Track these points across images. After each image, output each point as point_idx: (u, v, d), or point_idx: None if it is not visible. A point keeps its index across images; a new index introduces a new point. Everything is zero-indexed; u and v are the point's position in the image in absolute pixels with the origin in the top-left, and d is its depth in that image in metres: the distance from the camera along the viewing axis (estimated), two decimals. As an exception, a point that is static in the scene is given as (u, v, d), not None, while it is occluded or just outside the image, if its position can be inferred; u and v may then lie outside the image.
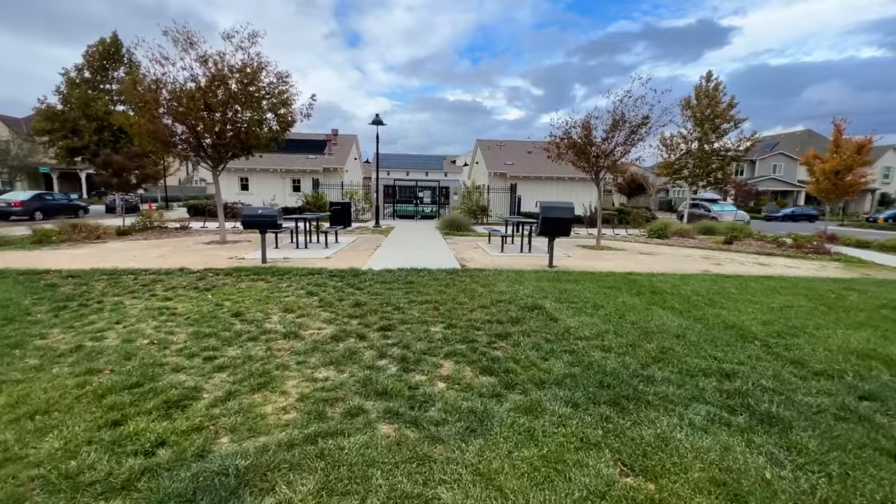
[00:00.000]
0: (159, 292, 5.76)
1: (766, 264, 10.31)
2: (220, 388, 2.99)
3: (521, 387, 3.09)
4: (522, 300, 5.55)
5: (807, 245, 13.52)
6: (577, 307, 5.29)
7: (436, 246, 11.79)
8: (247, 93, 10.79)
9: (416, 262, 8.35)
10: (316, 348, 3.78)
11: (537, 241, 11.92)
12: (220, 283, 6.44)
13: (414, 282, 6.63)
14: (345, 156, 27.51)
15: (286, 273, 7.16)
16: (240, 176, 25.60)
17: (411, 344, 3.94)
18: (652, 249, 12.72)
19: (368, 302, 5.36)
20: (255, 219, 7.93)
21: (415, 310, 5.10)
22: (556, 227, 8.25)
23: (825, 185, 17.49)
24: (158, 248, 10.74)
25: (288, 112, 11.68)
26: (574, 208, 8.40)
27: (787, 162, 50.03)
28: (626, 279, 7.30)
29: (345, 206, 17.86)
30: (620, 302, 5.61)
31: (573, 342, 4.07)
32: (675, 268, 9.03)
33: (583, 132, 12.49)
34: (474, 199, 21.53)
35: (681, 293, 6.28)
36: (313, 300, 5.47)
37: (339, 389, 3.00)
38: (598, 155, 12.53)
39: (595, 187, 27.89)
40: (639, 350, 3.88)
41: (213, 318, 4.58)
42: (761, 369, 3.54)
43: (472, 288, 6.27)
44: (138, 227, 14.95)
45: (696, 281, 7.39)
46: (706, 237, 17.05)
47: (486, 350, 3.83)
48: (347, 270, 7.47)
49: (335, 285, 6.33)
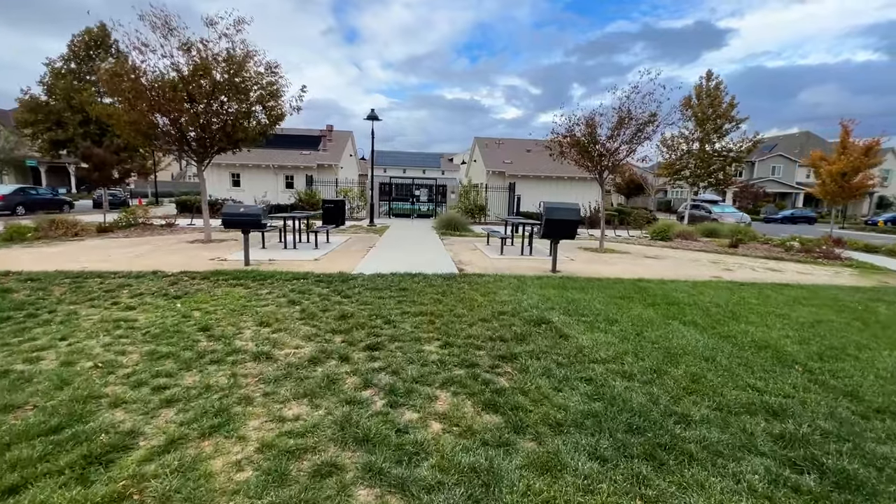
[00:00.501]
0: (123, 300, 5.16)
1: (778, 270, 9.83)
2: (163, 431, 2.42)
3: (533, 430, 2.54)
4: (527, 312, 5.01)
5: (816, 249, 13.07)
6: (589, 321, 4.75)
7: (432, 247, 11.24)
8: (233, 83, 10.17)
9: (410, 266, 7.79)
10: (289, 374, 3.22)
11: (538, 243, 11.39)
12: (194, 289, 5.85)
13: (407, 289, 6.07)
14: (340, 152, 26.87)
15: (268, 278, 6.57)
16: (231, 172, 24.91)
17: (402, 368, 3.38)
18: (657, 252, 12.22)
19: (356, 313, 4.80)
20: (236, 218, 7.34)
21: (407, 323, 4.54)
22: (561, 229, 7.71)
23: (831, 187, 17.07)
24: (138, 246, 10.11)
25: (277, 105, 11.07)
26: (580, 209, 7.87)
27: (786, 164, 49.81)
28: (637, 287, 6.77)
29: (338, 203, 17.26)
30: (635, 315, 5.07)
31: (589, 366, 3.53)
32: (685, 274, 8.52)
33: (587, 129, 11.95)
34: (472, 198, 20.97)
35: (699, 304, 5.75)
36: (294, 311, 4.90)
37: (311, 434, 2.43)
38: (603, 153, 12.00)
39: (596, 187, 27.39)
40: (666, 378, 3.34)
41: (176, 334, 4.00)
42: (812, 404, 3.01)
43: (472, 297, 5.71)
44: (122, 224, 14.29)
45: (711, 290, 6.87)
46: (710, 240, 16.59)
47: (489, 377, 3.28)
48: (336, 275, 6.90)
49: (321, 293, 5.76)
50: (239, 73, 10.22)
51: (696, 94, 25.94)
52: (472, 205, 20.82)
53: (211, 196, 24.68)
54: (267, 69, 10.71)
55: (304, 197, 21.71)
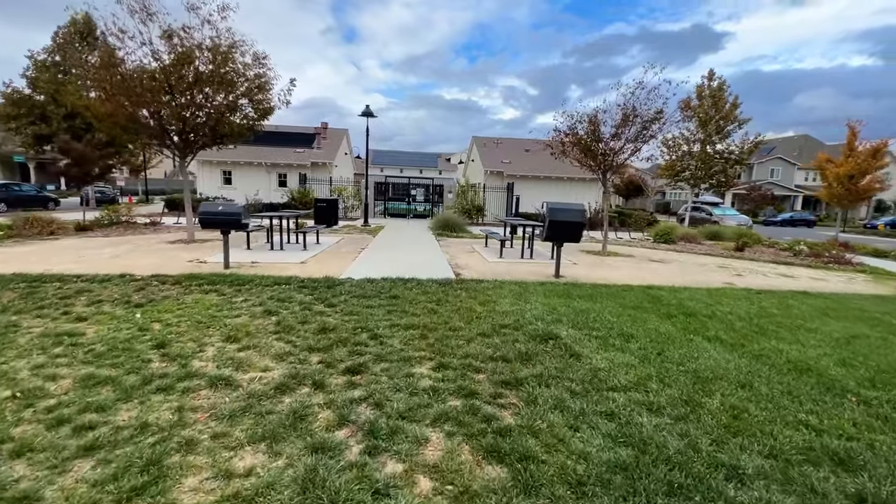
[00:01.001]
0: (76, 309, 4.58)
1: (791, 276, 9.34)
2: (66, 497, 1.86)
3: (549, 491, 2.00)
4: (532, 326, 4.46)
5: (825, 254, 12.60)
6: (602, 337, 4.21)
7: (427, 249, 10.68)
8: (218, 75, 9.57)
9: (403, 270, 7.24)
10: (249, 407, 2.66)
11: (539, 246, 10.86)
12: (162, 295, 5.27)
13: (399, 297, 5.51)
14: (334, 150, 26.26)
15: (247, 283, 6.00)
16: (223, 169, 24.26)
17: (387, 398, 2.83)
18: (662, 256, 11.72)
19: (338, 326, 4.24)
20: (214, 217, 6.76)
21: (396, 339, 3.99)
22: (565, 231, 7.18)
23: (838, 189, 16.66)
24: (115, 246, 9.51)
25: (265, 98, 10.48)
26: (585, 210, 7.34)
27: (785, 166, 49.61)
28: (649, 295, 6.25)
29: (331, 203, 16.67)
30: (652, 329, 4.54)
31: (608, 396, 2.99)
32: (695, 280, 8.01)
33: (590, 127, 11.44)
34: (469, 198, 20.43)
35: (718, 316, 5.23)
36: (269, 323, 4.33)
37: (262, 499, 1.88)
38: (606, 153, 11.48)
39: (597, 187, 26.88)
40: (701, 412, 2.80)
41: (126, 352, 3.43)
42: (884, 448, 2.49)
43: (469, 306, 5.16)
44: (104, 223, 13.66)
45: (728, 298, 6.35)
46: (714, 243, 16.14)
47: (491, 410, 2.74)
48: (321, 280, 6.33)
49: (302, 301, 5.19)
50: (224, 63, 9.63)
51: (698, 95, 25.53)
52: (470, 205, 20.27)
53: (201, 194, 24.04)
54: (254, 60, 10.13)
55: (297, 195, 21.11)
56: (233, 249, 9.38)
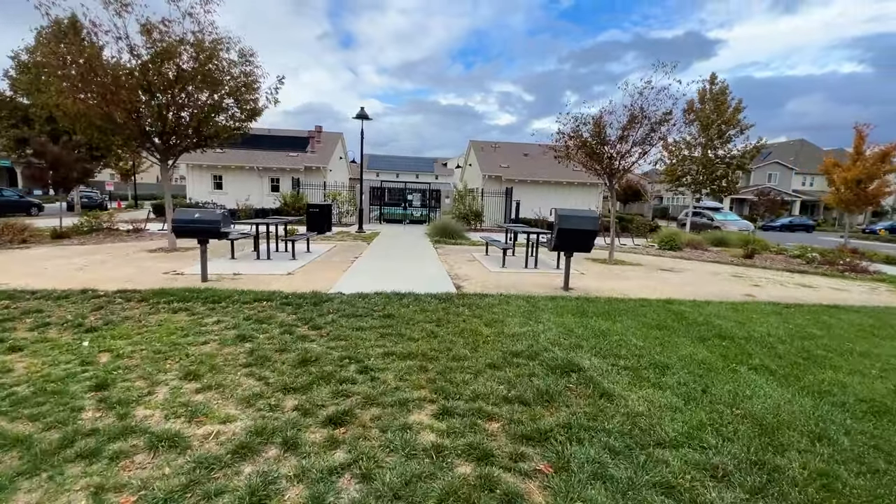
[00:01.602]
0: (17, 335, 3.91)
1: (810, 286, 8.78)
2: None
3: None
4: (548, 353, 3.84)
5: (839, 262, 12.09)
6: (631, 368, 3.59)
7: (425, 258, 10.05)
8: (201, 72, 8.94)
9: (399, 282, 6.60)
10: (193, 483, 2.01)
11: (543, 254, 10.25)
12: (123, 316, 4.60)
13: (394, 316, 4.87)
14: (329, 154, 25.64)
15: (224, 299, 5.34)
16: (213, 174, 23.56)
17: (377, 465, 2.19)
18: (671, 264, 11.15)
19: (322, 356, 3.60)
20: (189, 225, 6.10)
21: (390, 372, 3.35)
22: (576, 240, 6.58)
23: (846, 194, 16.22)
24: (88, 256, 8.81)
25: (252, 97, 9.85)
26: (597, 217, 6.75)
27: (783, 171, 49.48)
28: (671, 311, 5.64)
29: (324, 208, 16.00)
30: (686, 356, 3.93)
31: (657, 454, 2.36)
32: (713, 292, 7.43)
33: (595, 130, 10.89)
34: (467, 203, 19.84)
35: (755, 338, 4.63)
36: (241, 352, 3.68)
37: None
38: (612, 156, 10.94)
39: (597, 192, 26.39)
40: (781, 480, 2.18)
41: (55, 396, 2.77)
42: None
43: (474, 328, 4.53)
44: (83, 229, 12.94)
45: (757, 315, 5.76)
46: (720, 249, 15.63)
47: (513, 482, 2.11)
48: (308, 295, 5.68)
49: (283, 322, 4.55)
50: (209, 61, 9.00)
51: (700, 98, 25.17)
52: (468, 210, 19.68)
53: (191, 199, 23.32)
54: (241, 57, 9.52)
55: (290, 200, 20.43)
56: (216, 259, 8.72)
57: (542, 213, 21.82)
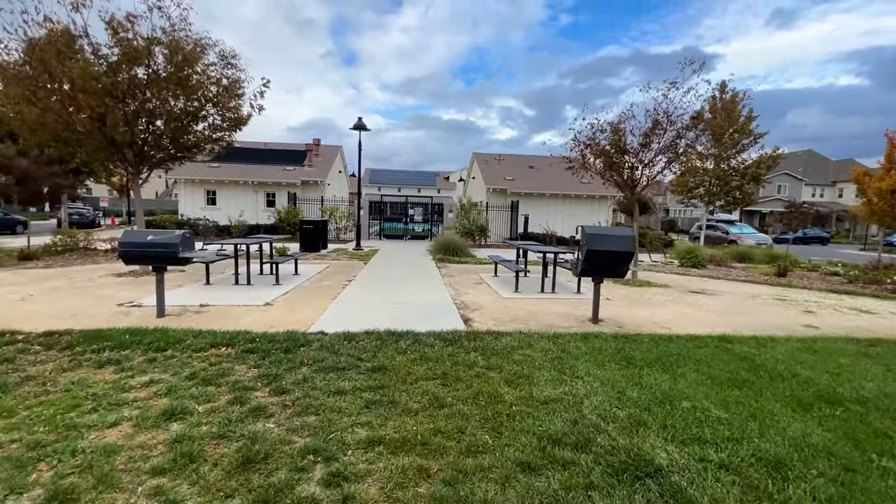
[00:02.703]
0: None
1: (870, 311, 7.61)
2: None
3: None
4: (603, 438, 2.68)
5: (886, 281, 10.90)
6: (733, 469, 2.42)
7: (427, 281, 8.93)
8: (178, 77, 7.96)
9: (396, 314, 5.48)
10: None
11: (560, 276, 9.09)
12: (26, 374, 3.47)
13: (386, 369, 3.74)
14: (327, 168, 24.75)
15: (174, 344, 4.22)
16: (206, 189, 22.64)
17: None
18: (702, 285, 9.99)
19: (276, 450, 2.45)
20: (139, 250, 5.01)
21: (374, 480, 2.21)
22: (608, 264, 5.45)
23: (880, 206, 15.02)
24: (43, 282, 7.73)
25: (234, 104, 8.87)
26: (634, 237, 5.63)
27: (792, 182, 48.47)
28: (734, 354, 4.48)
29: (318, 225, 14.94)
30: (797, 439, 2.76)
31: None
32: (766, 322, 6.26)
33: (613, 137, 9.86)
34: (472, 217, 18.77)
35: (870, 400, 3.45)
36: (161, 441, 2.54)
37: None
38: (634, 165, 9.88)
39: (607, 205, 25.27)
40: None
41: None
42: None
43: (493, 389, 3.38)
44: (57, 249, 11.91)
45: (846, 358, 4.58)
46: (746, 266, 14.50)
47: None
48: (281, 337, 4.55)
49: (238, 382, 3.42)
50: (185, 65, 8.03)
51: (710, 108, 24.27)
52: (472, 225, 18.60)
53: (182, 215, 22.35)
54: (221, 59, 8.57)
55: (284, 216, 19.43)
56: (187, 285, 7.63)
57: (551, 227, 20.72)
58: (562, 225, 22.19)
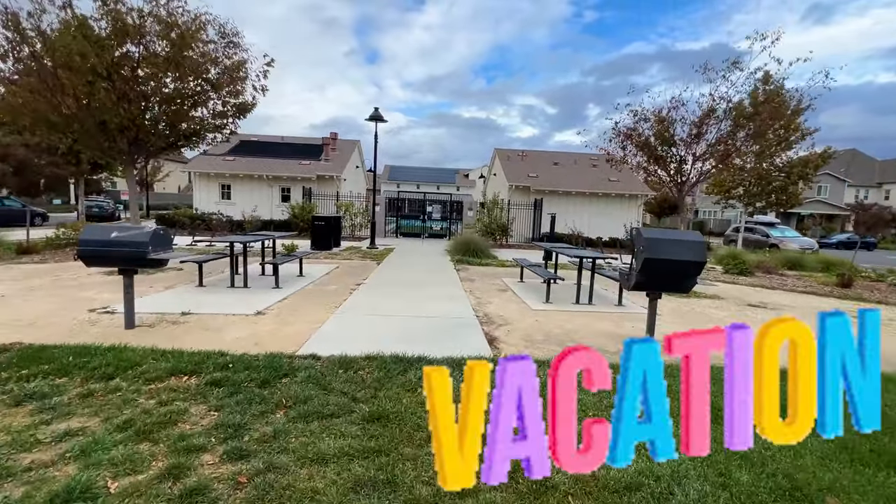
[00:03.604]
0: None
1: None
2: None
3: None
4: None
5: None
6: None
7: (444, 285, 7.94)
8: (172, 56, 7.17)
9: (407, 329, 4.52)
10: None
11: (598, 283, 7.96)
12: (-87, 415, 2.64)
13: (389, 417, 2.77)
14: (343, 163, 24.01)
15: (123, 371, 3.35)
16: (221, 182, 22.17)
17: None
18: (757, 296, 8.73)
19: None
20: (100, 249, 4.17)
21: None
22: (671, 275, 4.36)
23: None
24: (27, 279, 7.07)
25: (236, 88, 8.04)
26: (705, 244, 4.51)
27: (834, 183, 45.57)
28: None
29: (331, 221, 14.10)
30: None
31: None
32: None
33: (658, 127, 8.67)
34: (494, 215, 17.69)
35: None
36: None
37: None
38: (684, 159, 8.68)
39: (636, 205, 23.75)
40: None
41: None
42: None
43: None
44: (59, 243, 11.38)
45: None
46: (798, 273, 13.05)
47: None
48: (262, 362, 3.64)
49: (181, 440, 2.49)
50: (183, 43, 7.23)
51: (752, 101, 22.51)
52: (494, 224, 17.52)
53: (197, 209, 21.95)
54: (221, 36, 7.75)
55: (298, 212, 18.74)
56: (180, 286, 6.84)
57: (577, 227, 19.47)
58: (588, 225, 20.90)
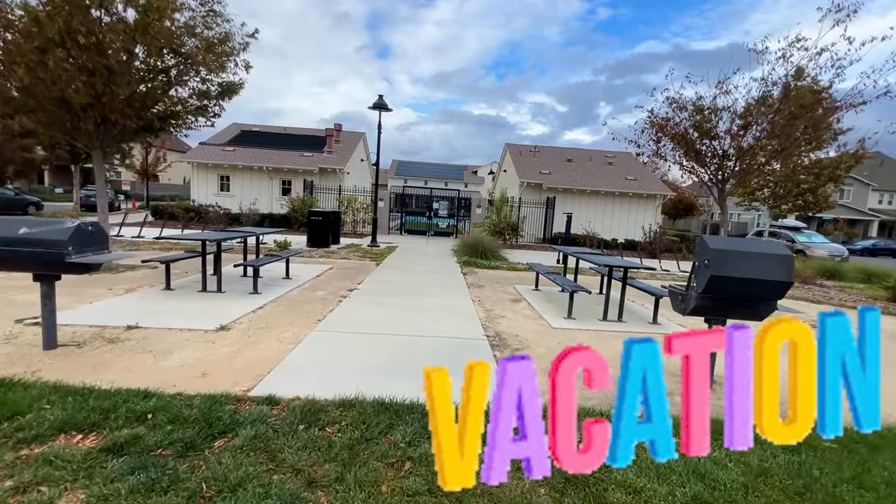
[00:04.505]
0: None
1: None
2: None
3: None
4: None
5: None
6: None
7: (449, 294, 6.92)
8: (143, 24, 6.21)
9: (398, 354, 3.53)
10: None
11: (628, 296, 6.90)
12: None
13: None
14: (347, 155, 23.02)
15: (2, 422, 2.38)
16: (219, 174, 21.29)
17: None
18: (796, 307, 7.57)
19: None
20: (6, 249, 3.21)
21: None
22: (745, 298, 3.32)
23: None
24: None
25: (216, 63, 7.05)
26: (792, 258, 3.43)
27: (858, 187, 43.78)
28: None
29: (328, 216, 13.13)
30: None
31: None
32: None
33: (698, 117, 7.56)
34: (504, 213, 16.63)
35: None
36: None
37: None
38: (726, 154, 7.58)
39: (654, 205, 22.47)
40: None
41: None
42: None
43: None
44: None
45: None
46: (837, 284, 11.93)
47: None
48: (196, 411, 2.65)
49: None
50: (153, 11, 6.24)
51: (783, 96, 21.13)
52: (504, 222, 16.46)
53: (194, 201, 21.12)
54: (201, 4, 6.76)
55: (297, 206, 17.82)
56: (142, 290, 5.87)
57: (592, 227, 18.35)
58: (602, 226, 19.76)
